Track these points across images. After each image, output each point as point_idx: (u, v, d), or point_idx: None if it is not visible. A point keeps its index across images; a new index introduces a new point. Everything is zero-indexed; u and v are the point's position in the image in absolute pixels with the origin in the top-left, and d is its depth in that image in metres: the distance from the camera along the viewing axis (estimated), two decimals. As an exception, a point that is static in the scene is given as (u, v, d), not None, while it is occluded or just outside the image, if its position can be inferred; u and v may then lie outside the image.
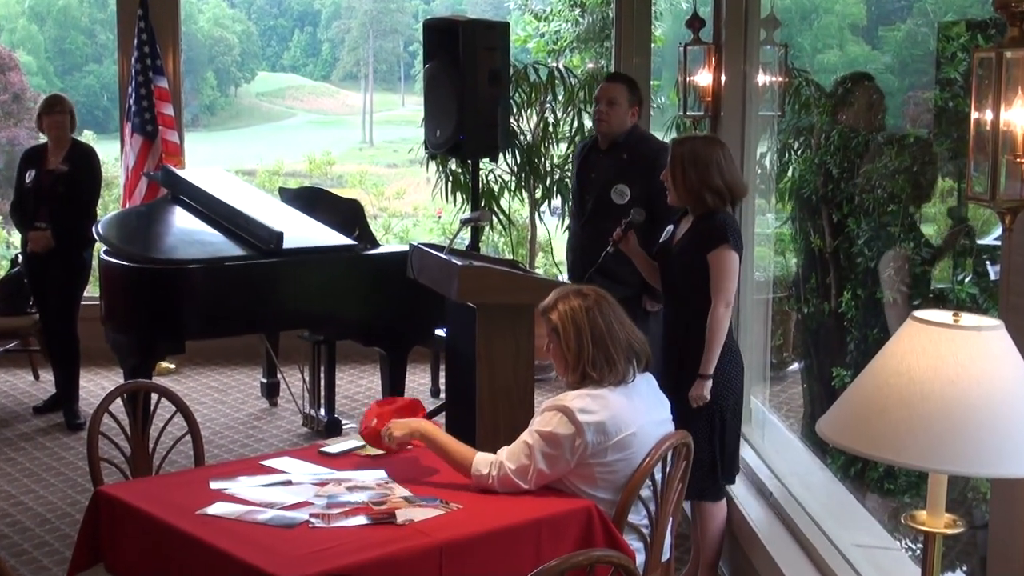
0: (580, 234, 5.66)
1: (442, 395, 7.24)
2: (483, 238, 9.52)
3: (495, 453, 3.65)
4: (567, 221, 8.54)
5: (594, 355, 3.65)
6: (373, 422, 3.80)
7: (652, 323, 5.39)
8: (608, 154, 5.61)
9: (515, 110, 8.36)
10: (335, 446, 4.01)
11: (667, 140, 6.29)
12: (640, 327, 4.06)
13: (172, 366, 8.27)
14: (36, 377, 8.02)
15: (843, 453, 4.77)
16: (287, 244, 6.05)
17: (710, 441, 4.58)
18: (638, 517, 3.70)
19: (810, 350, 6.25)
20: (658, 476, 3.70)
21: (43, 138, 7.19)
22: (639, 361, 3.74)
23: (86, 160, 7.07)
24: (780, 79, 5.70)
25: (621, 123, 5.56)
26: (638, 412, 3.66)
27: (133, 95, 8.09)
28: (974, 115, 2.50)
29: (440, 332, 6.56)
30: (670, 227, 4.76)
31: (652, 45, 8.71)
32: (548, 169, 8.66)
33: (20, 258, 7.55)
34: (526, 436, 3.62)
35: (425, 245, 5.38)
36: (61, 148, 7.02)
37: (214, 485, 3.61)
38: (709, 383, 4.51)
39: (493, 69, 6.26)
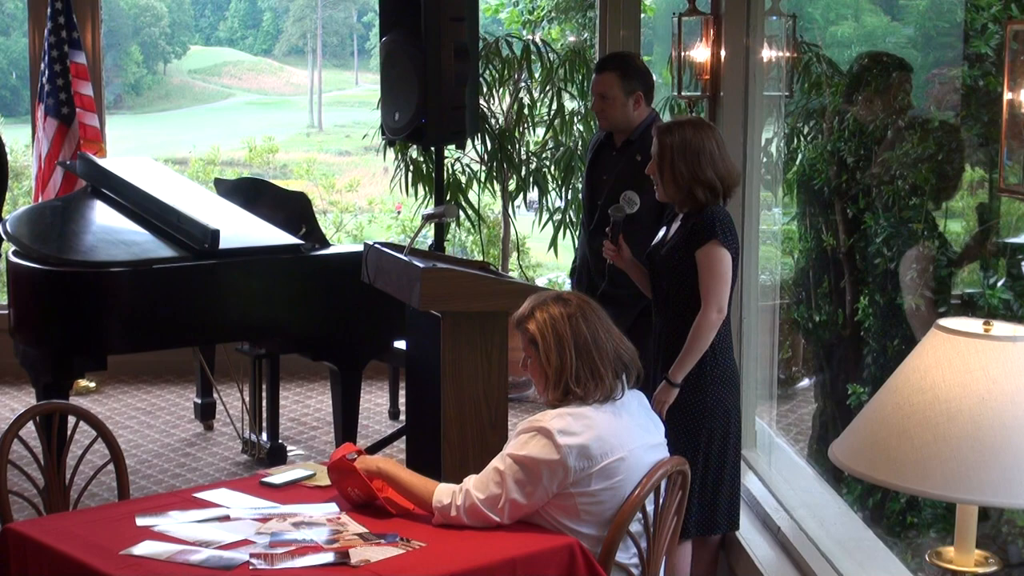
0: (587, 247, 5.60)
1: (402, 417, 7.24)
2: (449, 236, 9.52)
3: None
4: (544, 217, 8.57)
5: (578, 368, 3.66)
6: (352, 456, 3.78)
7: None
8: (621, 153, 5.55)
9: (485, 90, 8.35)
10: (279, 476, 4.00)
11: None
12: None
13: (92, 384, 8.22)
14: (-66, 397, 7.99)
15: (860, 482, 4.80)
16: (224, 244, 6.03)
17: (696, 472, 4.57)
18: (627, 556, 3.71)
19: (822, 364, 6.27)
20: (650, 508, 3.71)
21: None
22: (629, 375, 3.75)
23: (-9, 146, 7.04)
24: (788, 54, 5.72)
25: (624, 117, 5.49)
26: (628, 434, 3.67)
27: (46, 72, 8.06)
28: (1007, 95, 2.52)
29: (400, 344, 6.55)
30: (663, 229, 4.77)
31: (642, 15, 8.73)
32: (523, 158, 8.66)
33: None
34: (497, 461, 3.62)
35: (382, 245, 5.38)
36: (-39, 133, 6.98)
37: (140, 521, 3.60)
38: (675, 392, 4.53)
39: (460, 43, 6.25)
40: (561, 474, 3.56)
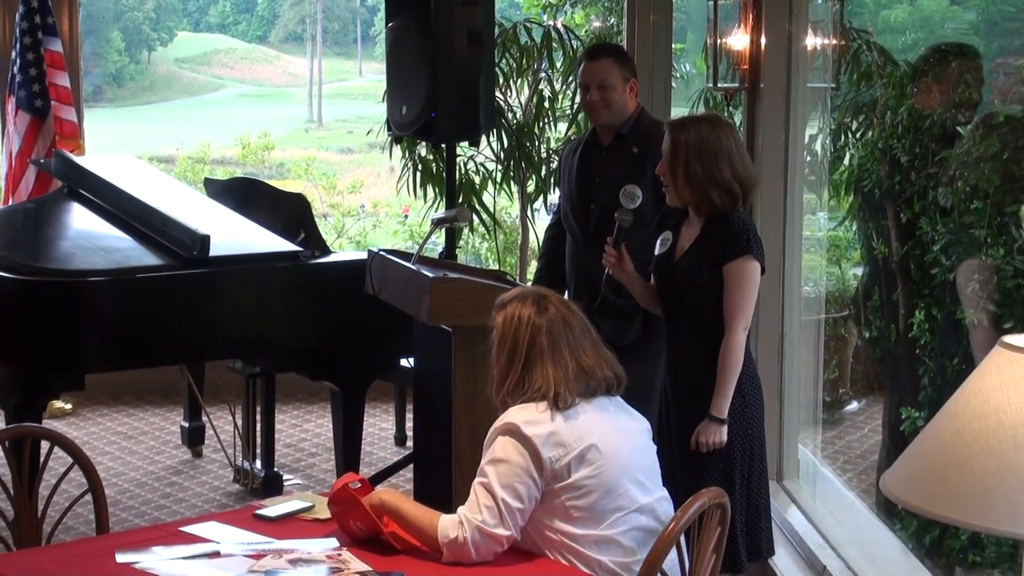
0: (583, 254, 5.56)
1: (409, 443, 7.24)
2: (461, 243, 9.52)
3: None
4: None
5: (518, 381, 3.76)
6: (355, 486, 3.78)
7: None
8: (614, 150, 5.53)
9: (502, 81, 8.36)
10: (274, 508, 4.00)
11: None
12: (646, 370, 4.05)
13: (68, 406, 8.24)
14: None
15: (916, 516, 4.78)
16: (214, 251, 6.03)
17: (737, 496, 4.55)
18: (658, 598, 3.70)
19: (873, 386, 6.26)
20: (684, 546, 3.70)
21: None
22: (595, 393, 3.81)
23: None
24: (835, 42, 5.72)
25: (622, 108, 5.49)
26: (592, 421, 3.74)
27: (18, 62, 8.08)
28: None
29: (407, 363, 6.55)
30: (667, 234, 4.74)
31: (674, -1, 8.75)
32: (544, 156, 8.66)
33: None
34: (478, 477, 3.69)
35: (387, 252, 5.39)
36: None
37: (121, 558, 3.60)
38: (724, 428, 4.50)
39: (473, 29, 6.25)
40: (540, 465, 3.62)
